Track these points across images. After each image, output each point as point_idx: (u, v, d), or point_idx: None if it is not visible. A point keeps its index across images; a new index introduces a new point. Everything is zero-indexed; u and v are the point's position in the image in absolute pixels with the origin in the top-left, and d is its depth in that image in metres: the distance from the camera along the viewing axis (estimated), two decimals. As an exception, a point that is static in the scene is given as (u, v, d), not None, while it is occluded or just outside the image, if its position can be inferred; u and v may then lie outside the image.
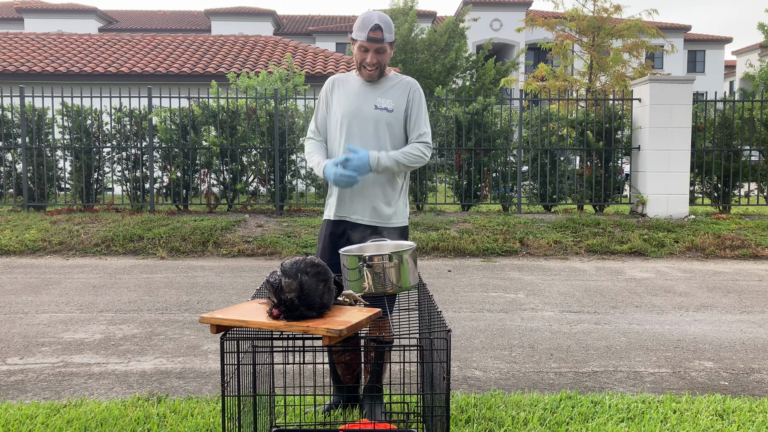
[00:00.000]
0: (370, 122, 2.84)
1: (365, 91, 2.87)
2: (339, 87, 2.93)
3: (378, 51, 2.77)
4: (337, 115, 2.88)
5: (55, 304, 5.25)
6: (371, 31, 2.72)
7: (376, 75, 2.83)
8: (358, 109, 2.85)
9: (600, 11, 16.14)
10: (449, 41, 22.66)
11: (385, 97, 2.87)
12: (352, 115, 2.85)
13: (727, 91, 42.90)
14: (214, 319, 1.93)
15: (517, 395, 3.24)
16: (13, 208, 9.87)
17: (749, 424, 2.90)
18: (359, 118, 2.84)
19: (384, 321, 2.32)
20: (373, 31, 2.72)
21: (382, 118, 2.84)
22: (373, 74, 2.82)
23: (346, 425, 2.47)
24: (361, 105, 2.85)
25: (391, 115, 2.85)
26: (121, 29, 32.99)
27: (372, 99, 2.86)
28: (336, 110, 2.90)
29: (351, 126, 2.84)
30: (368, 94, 2.87)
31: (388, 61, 2.84)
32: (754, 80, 20.20)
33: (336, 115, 2.89)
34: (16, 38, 17.37)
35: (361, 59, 2.80)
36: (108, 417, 2.91)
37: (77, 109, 9.78)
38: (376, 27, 2.71)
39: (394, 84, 2.91)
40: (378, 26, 2.72)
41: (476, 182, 9.97)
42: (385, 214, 2.87)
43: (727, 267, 7.17)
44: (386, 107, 2.85)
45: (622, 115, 10.14)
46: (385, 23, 2.74)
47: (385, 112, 2.85)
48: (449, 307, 5.22)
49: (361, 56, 2.79)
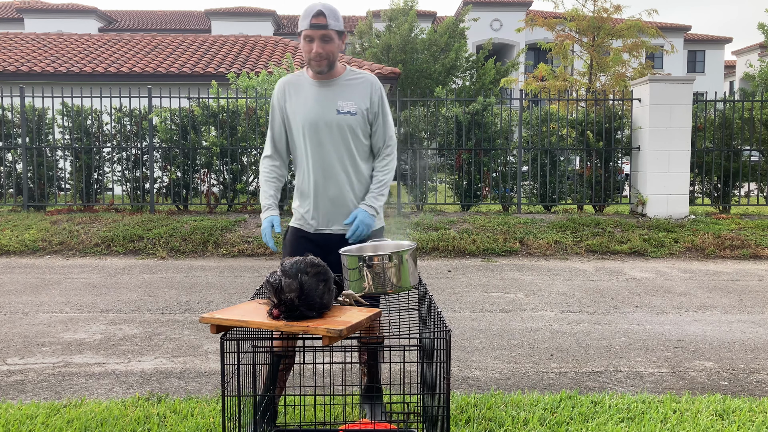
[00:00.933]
0: (334, 129, 2.67)
1: (323, 93, 2.69)
2: (292, 92, 2.73)
3: (324, 39, 2.58)
4: (297, 123, 2.70)
5: (55, 304, 5.25)
6: (314, 17, 2.56)
7: (324, 67, 2.63)
8: (320, 116, 2.66)
9: (600, 11, 16.13)
10: (449, 41, 22.66)
11: (346, 99, 2.69)
12: (314, 123, 2.67)
13: (727, 91, 42.90)
14: (214, 319, 1.93)
15: (517, 395, 3.24)
16: (13, 208, 9.87)
17: (749, 424, 2.90)
18: (322, 126, 2.66)
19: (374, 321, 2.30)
20: (316, 17, 2.56)
21: (346, 123, 2.67)
22: (321, 66, 2.62)
23: (346, 425, 2.47)
24: (322, 111, 2.66)
25: (355, 119, 2.68)
26: (121, 29, 32.99)
27: (332, 102, 2.67)
28: (295, 118, 2.72)
29: (315, 135, 2.67)
30: (327, 96, 2.68)
31: (337, 54, 2.66)
32: (754, 80, 20.20)
33: (296, 123, 2.71)
34: (16, 38, 17.37)
35: (307, 51, 2.61)
36: (108, 417, 2.91)
37: (77, 109, 9.78)
38: (318, 13, 2.55)
39: (352, 82, 2.72)
40: (320, 12, 2.56)
41: (476, 182, 9.97)
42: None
43: (727, 267, 7.17)
44: (349, 110, 2.68)
45: (622, 115, 10.15)
46: (328, 10, 2.58)
47: (348, 116, 2.68)
48: (449, 307, 5.22)
49: (308, 48, 2.61)
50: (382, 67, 15.57)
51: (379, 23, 24.79)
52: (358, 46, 23.70)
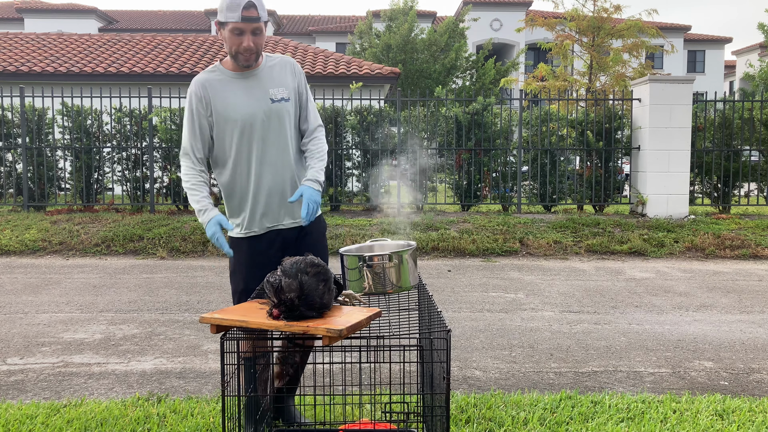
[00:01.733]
0: (273, 120, 2.53)
1: (251, 84, 2.52)
2: (215, 90, 2.51)
3: (255, 32, 2.42)
4: (232, 121, 2.51)
5: (55, 304, 5.25)
6: (244, 9, 2.36)
7: (253, 60, 2.48)
8: (256, 109, 2.50)
9: (600, 11, 16.13)
10: (449, 41, 22.66)
11: (276, 85, 2.54)
12: (252, 117, 2.50)
13: (727, 91, 42.90)
14: (214, 319, 1.93)
15: (517, 395, 3.24)
16: (13, 208, 9.87)
17: (749, 424, 2.90)
18: (261, 119, 2.51)
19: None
20: (247, 9, 2.37)
21: (283, 111, 2.54)
22: (250, 60, 2.47)
23: (346, 425, 2.47)
24: (257, 103, 2.51)
25: (289, 104, 2.56)
26: (121, 29, 32.99)
27: (264, 92, 2.52)
28: (225, 117, 2.51)
29: (255, 130, 2.50)
30: (255, 87, 2.52)
31: (263, 45, 2.51)
32: (754, 80, 20.20)
33: (230, 121, 2.51)
34: (16, 38, 17.36)
35: (236, 45, 2.43)
36: (108, 417, 2.91)
37: (77, 109, 9.78)
38: (249, 4, 2.37)
39: (275, 67, 2.58)
40: (251, 3, 2.37)
41: (476, 182, 9.97)
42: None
43: (727, 267, 7.17)
44: (282, 97, 2.54)
45: (622, 115, 10.15)
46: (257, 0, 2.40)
47: (283, 102, 2.54)
48: (449, 307, 5.22)
49: (236, 41, 2.42)
50: (382, 67, 15.56)
51: (379, 23, 24.79)
52: (358, 46, 23.70)
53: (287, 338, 2.59)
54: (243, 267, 2.60)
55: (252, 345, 2.29)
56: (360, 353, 2.01)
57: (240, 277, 2.61)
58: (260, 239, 2.60)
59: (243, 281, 2.60)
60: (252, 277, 2.56)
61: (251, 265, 2.58)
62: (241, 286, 2.62)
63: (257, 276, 2.51)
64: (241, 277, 2.60)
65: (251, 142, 2.52)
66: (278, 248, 2.61)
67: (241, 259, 2.60)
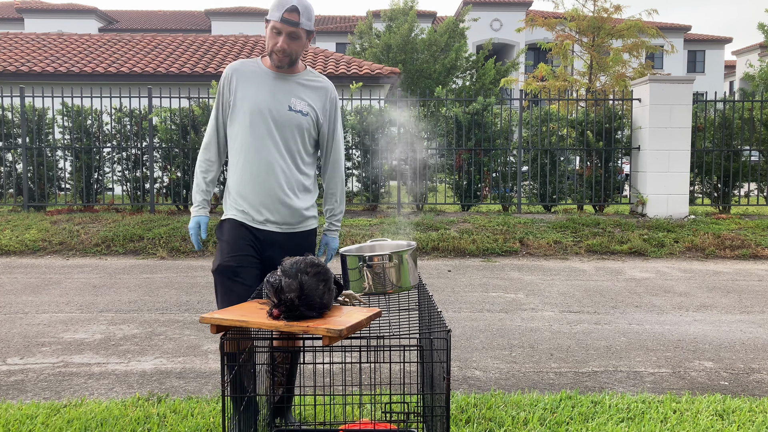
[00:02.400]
0: (281, 124, 2.54)
1: (277, 86, 2.56)
2: (243, 78, 2.58)
3: (291, 36, 2.47)
4: (245, 110, 2.55)
5: (55, 304, 5.25)
6: (287, 11, 2.43)
7: (285, 63, 2.52)
8: (270, 108, 2.53)
9: (600, 11, 16.14)
10: (449, 41, 22.66)
11: (300, 97, 2.57)
12: (262, 113, 2.53)
13: (727, 91, 42.91)
14: (214, 319, 1.93)
15: (517, 395, 3.24)
16: (13, 208, 9.87)
17: (749, 424, 2.90)
18: (270, 119, 2.54)
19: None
20: (289, 12, 2.43)
21: (296, 123, 2.55)
22: (282, 62, 2.51)
23: (346, 425, 2.47)
24: (274, 103, 2.54)
25: (305, 120, 2.57)
26: (121, 29, 32.99)
27: (285, 97, 2.55)
28: (243, 104, 2.56)
29: (261, 126, 2.54)
30: (280, 89, 2.56)
31: (300, 53, 2.55)
32: (754, 80, 20.21)
33: (243, 110, 2.56)
34: (16, 38, 17.36)
35: (272, 43, 2.49)
36: (108, 417, 2.91)
37: (77, 109, 9.78)
38: (292, 8, 2.43)
39: (309, 83, 2.61)
40: (294, 8, 2.44)
41: (476, 182, 9.97)
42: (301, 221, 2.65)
43: (727, 267, 7.17)
44: (301, 110, 2.56)
45: (622, 115, 10.15)
46: (303, 7, 2.46)
47: (299, 115, 2.56)
48: (449, 307, 5.22)
49: (273, 40, 2.49)
50: (382, 67, 15.56)
51: (379, 23, 24.81)
52: (358, 46, 23.70)
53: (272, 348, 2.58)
54: (223, 244, 2.59)
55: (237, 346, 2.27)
56: (360, 353, 2.01)
57: (217, 254, 2.59)
58: (250, 230, 2.59)
59: (219, 257, 2.57)
60: (229, 256, 2.54)
61: (232, 242, 2.57)
62: (216, 264, 2.57)
63: (235, 256, 2.52)
64: (218, 254, 2.58)
65: (255, 138, 2.54)
66: (262, 246, 2.59)
67: (228, 239, 2.59)
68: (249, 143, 2.55)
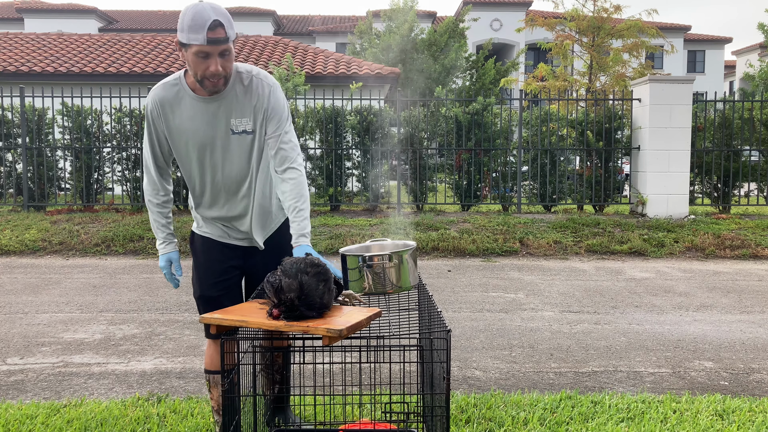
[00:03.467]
0: (230, 151, 2.32)
1: (210, 110, 2.28)
2: (172, 110, 2.30)
3: (223, 54, 2.15)
4: (183, 145, 2.33)
5: (55, 304, 5.25)
6: (210, 30, 2.08)
7: (221, 85, 2.22)
8: (212, 138, 2.30)
9: (600, 11, 16.13)
10: (449, 41, 22.66)
11: (238, 116, 2.29)
12: (206, 145, 2.31)
13: (727, 91, 42.90)
14: (214, 319, 1.93)
15: (517, 395, 3.24)
16: (13, 208, 9.87)
17: (749, 424, 2.90)
18: (216, 148, 2.31)
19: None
20: (213, 30, 2.09)
21: (244, 143, 2.32)
22: (218, 84, 2.20)
23: (346, 425, 2.47)
24: (213, 132, 2.29)
25: (250, 137, 2.32)
26: (121, 29, 33.00)
27: (223, 121, 2.29)
28: (179, 139, 2.32)
29: (208, 157, 2.33)
30: (216, 114, 2.28)
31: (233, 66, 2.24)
32: (754, 80, 20.20)
33: (181, 144, 2.33)
34: (16, 38, 17.36)
35: (202, 69, 2.15)
36: (108, 417, 2.91)
37: (77, 109, 9.78)
38: (215, 24, 2.09)
39: (240, 93, 2.29)
40: (217, 22, 2.09)
41: (476, 182, 9.97)
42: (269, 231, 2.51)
43: (727, 267, 7.17)
44: (244, 129, 2.30)
45: (622, 115, 10.15)
46: (224, 17, 2.12)
47: (244, 135, 2.31)
48: (449, 307, 5.22)
49: (202, 65, 2.14)
50: (382, 67, 15.56)
51: (379, 23, 24.79)
52: (358, 46, 23.71)
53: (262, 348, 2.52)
54: (200, 269, 2.49)
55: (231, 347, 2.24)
56: (360, 353, 2.01)
57: (195, 280, 2.49)
58: (216, 244, 2.49)
59: (198, 286, 2.48)
60: (206, 282, 2.46)
61: (207, 266, 2.48)
62: (197, 292, 2.49)
63: (211, 282, 2.45)
64: (197, 280, 2.48)
65: (206, 168, 2.36)
66: (244, 252, 2.50)
67: (198, 261, 2.49)
68: (200, 174, 2.38)
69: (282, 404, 2.75)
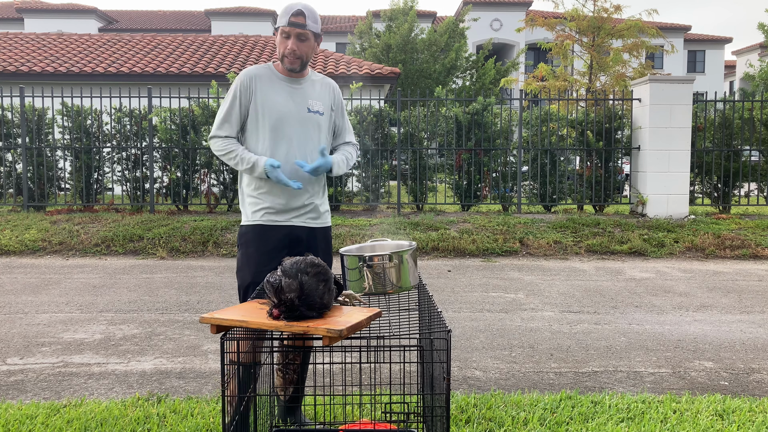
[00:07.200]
0: (305, 125, 2.72)
1: (294, 91, 2.73)
2: (261, 84, 2.71)
3: (300, 38, 2.64)
4: (267, 116, 2.68)
5: (55, 304, 5.25)
6: (293, 15, 2.61)
7: (297, 66, 2.68)
8: (293, 112, 2.70)
9: (600, 11, 16.13)
10: (449, 41, 22.66)
11: (315, 99, 2.77)
12: (286, 117, 2.69)
13: (727, 91, 42.90)
14: (214, 319, 1.92)
15: (517, 395, 3.24)
16: (13, 208, 9.87)
17: (749, 424, 2.90)
18: (293, 121, 2.70)
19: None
20: (295, 16, 2.61)
21: (315, 122, 2.75)
22: (294, 64, 2.67)
23: (346, 425, 2.47)
24: (295, 107, 2.71)
25: (322, 118, 2.77)
26: (121, 29, 32.99)
27: (303, 101, 2.73)
28: (262, 110, 2.69)
29: (286, 129, 2.69)
30: (298, 94, 2.74)
31: (311, 55, 2.71)
32: (754, 80, 20.21)
33: (262, 115, 2.69)
34: (16, 38, 17.36)
35: (283, 47, 2.66)
36: (108, 417, 2.91)
37: (77, 109, 9.78)
38: (298, 12, 2.61)
39: (318, 84, 2.82)
40: (300, 11, 2.62)
41: (476, 182, 9.97)
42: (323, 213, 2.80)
43: (727, 267, 7.17)
44: (318, 110, 2.75)
45: (622, 115, 10.15)
46: (308, 11, 2.64)
47: (318, 115, 2.75)
48: (449, 307, 5.22)
49: (284, 44, 2.65)
50: (382, 67, 15.55)
51: (379, 23, 24.80)
52: (358, 46, 23.70)
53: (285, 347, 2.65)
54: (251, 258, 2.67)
55: (251, 347, 2.28)
56: (360, 353, 2.01)
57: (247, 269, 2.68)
58: (273, 230, 2.68)
59: (250, 274, 2.66)
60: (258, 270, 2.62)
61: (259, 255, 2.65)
62: (248, 279, 2.67)
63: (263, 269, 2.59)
64: (248, 270, 2.67)
65: (280, 140, 2.68)
66: (290, 241, 2.69)
67: (249, 250, 2.69)
68: (270, 143, 2.67)
69: (296, 404, 2.76)
